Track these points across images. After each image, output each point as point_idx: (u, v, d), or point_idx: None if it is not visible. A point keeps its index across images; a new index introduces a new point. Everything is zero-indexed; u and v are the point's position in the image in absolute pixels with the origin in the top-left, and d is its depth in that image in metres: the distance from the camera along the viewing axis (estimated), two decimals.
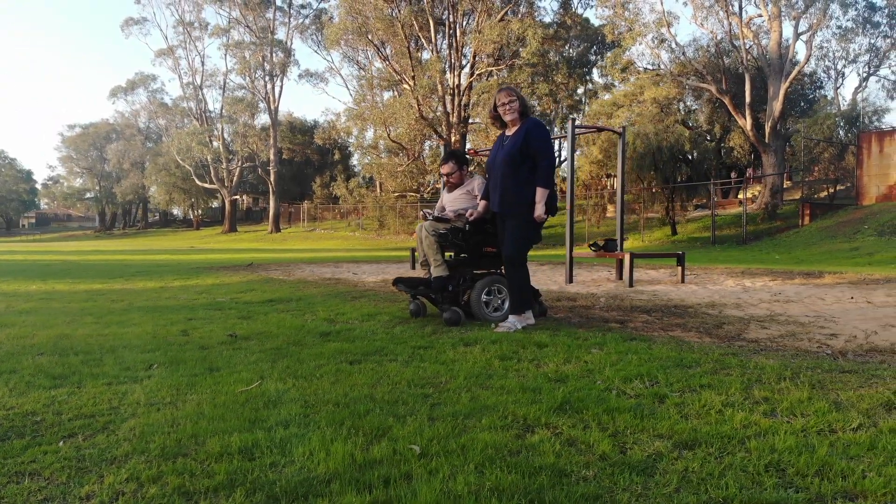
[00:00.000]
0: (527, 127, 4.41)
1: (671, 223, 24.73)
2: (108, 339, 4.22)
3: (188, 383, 2.96)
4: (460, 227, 4.69)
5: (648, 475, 1.85)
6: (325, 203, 52.82)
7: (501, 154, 4.37)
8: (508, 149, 4.35)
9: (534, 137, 4.35)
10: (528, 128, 4.41)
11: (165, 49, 50.75)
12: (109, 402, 2.67)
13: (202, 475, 1.86)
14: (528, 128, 4.41)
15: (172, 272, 11.19)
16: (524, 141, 4.33)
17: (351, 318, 5.11)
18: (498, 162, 4.39)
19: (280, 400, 2.64)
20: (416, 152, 40.77)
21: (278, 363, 3.41)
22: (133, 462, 1.98)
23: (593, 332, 4.22)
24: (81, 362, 3.49)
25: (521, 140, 4.34)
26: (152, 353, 3.72)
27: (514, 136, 4.40)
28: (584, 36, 42.80)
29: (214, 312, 5.65)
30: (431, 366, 3.28)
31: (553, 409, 2.46)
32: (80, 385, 2.98)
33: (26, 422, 2.43)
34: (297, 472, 1.87)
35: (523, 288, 4.39)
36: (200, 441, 2.15)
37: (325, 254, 22.23)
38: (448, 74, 37.18)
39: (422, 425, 2.28)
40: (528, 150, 4.31)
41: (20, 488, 1.80)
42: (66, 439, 2.23)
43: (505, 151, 4.36)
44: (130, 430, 2.29)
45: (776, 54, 27.86)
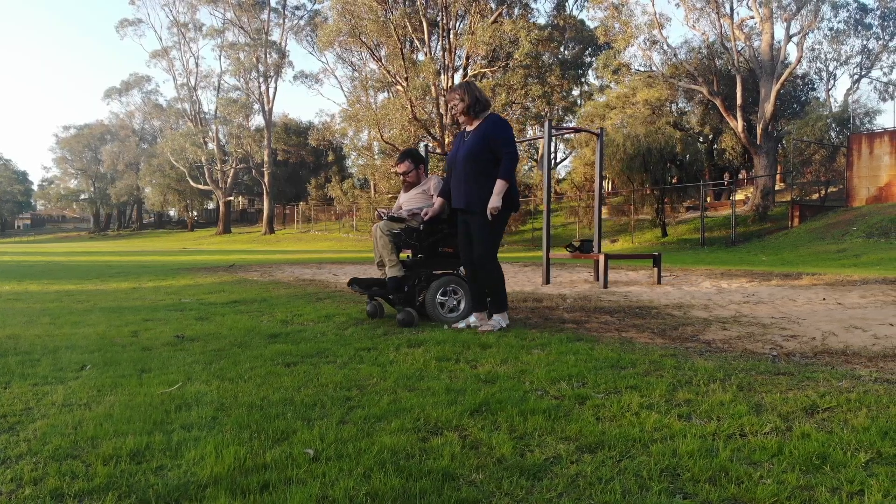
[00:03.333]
0: (487, 123, 4.38)
1: (661, 225, 24.71)
2: (54, 340, 4.18)
3: (112, 384, 2.92)
4: (415, 227, 4.65)
5: (537, 479, 1.81)
6: (319, 204, 52.77)
7: (463, 151, 4.34)
8: (469, 145, 4.32)
9: (494, 133, 4.32)
10: (488, 124, 4.38)
11: (160, 50, 50.72)
12: (26, 403, 2.63)
13: (83, 477, 1.82)
14: (489, 124, 4.38)
15: (151, 273, 11.14)
16: (485, 137, 4.30)
17: (307, 320, 5.07)
18: (459, 159, 4.35)
19: (196, 402, 2.60)
20: None
21: (213, 365, 3.37)
22: (22, 463, 1.94)
23: (542, 333, 4.18)
24: (18, 363, 3.45)
25: (482, 136, 4.31)
26: (91, 354, 3.68)
27: (475, 132, 4.36)
28: (580, 38, 42.82)
29: (174, 313, 5.60)
30: (367, 367, 3.24)
31: (469, 412, 2.42)
32: (6, 386, 2.94)
33: None
34: (180, 475, 1.83)
35: (501, 285, 4.36)
36: (96, 443, 2.11)
37: (313, 255, 22.19)
38: (441, 76, 37.17)
39: (328, 429, 2.24)
40: (490, 146, 4.28)
41: None
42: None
43: (466, 148, 4.32)
44: (34, 432, 2.25)
45: (767, 56, 27.88)
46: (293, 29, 49.17)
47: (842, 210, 22.36)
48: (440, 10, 37.13)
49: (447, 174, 4.61)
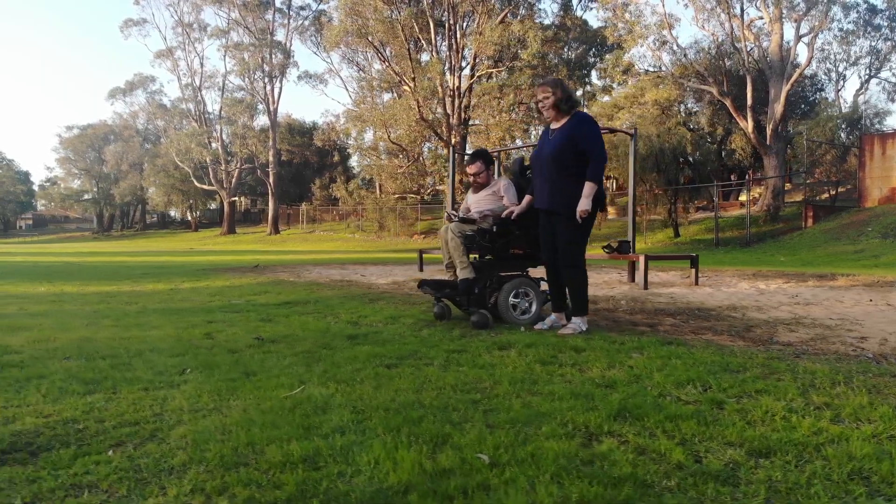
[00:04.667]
0: (575, 121, 4.30)
1: (674, 225, 24.70)
2: (131, 343, 4.14)
3: (228, 388, 2.88)
4: (487, 229, 4.61)
5: (733, 485, 1.79)
6: (324, 205, 52.73)
7: (548, 149, 4.28)
8: (556, 144, 4.25)
9: (582, 131, 4.24)
10: (576, 122, 4.30)
11: (164, 50, 50.60)
12: (151, 409, 2.59)
13: (269, 486, 1.79)
14: (577, 122, 4.30)
15: (179, 274, 11.10)
16: (572, 136, 4.23)
17: (374, 321, 5.04)
18: (546, 157, 4.29)
19: (328, 406, 2.57)
20: (416, 154, 40.67)
21: (314, 367, 3.33)
22: (192, 472, 1.91)
23: (627, 337, 4.15)
24: (111, 367, 3.41)
25: (569, 135, 4.24)
26: (182, 357, 3.64)
27: (561, 130, 4.30)
28: (583, 38, 42.79)
29: (233, 315, 5.57)
30: (470, 370, 3.21)
31: (611, 417, 2.39)
32: (115, 391, 2.90)
33: (69, 430, 2.35)
34: (367, 482, 1.80)
35: (584, 288, 4.32)
36: (258, 449, 2.08)
37: (327, 255, 22.15)
38: (448, 76, 37.15)
39: (481, 433, 2.21)
40: (578, 145, 4.22)
41: (80, 502, 1.73)
42: (115, 448, 2.15)
43: (552, 147, 4.26)
44: (181, 439, 2.22)
45: (777, 56, 27.88)
46: (298, 29, 49.08)
47: (855, 211, 22.36)
48: (446, 10, 37.10)
49: (532, 173, 4.56)
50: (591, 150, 4.21)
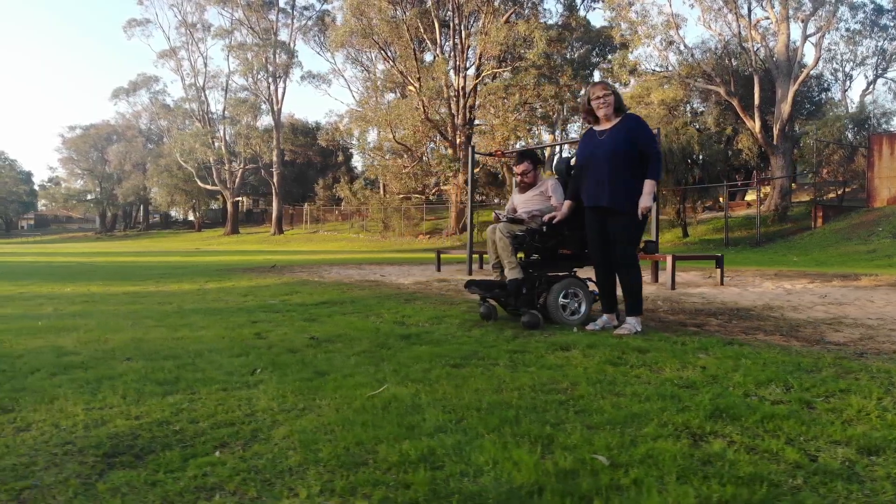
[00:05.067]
0: (629, 122, 4.39)
1: (682, 225, 24.71)
2: (186, 343, 4.14)
3: (308, 388, 2.88)
4: (537, 229, 4.62)
5: (857, 482, 1.79)
6: (327, 205, 52.76)
7: (605, 149, 4.30)
8: (614, 143, 4.29)
9: (641, 132, 4.35)
10: (632, 122, 4.41)
11: (168, 50, 50.60)
12: (240, 409, 2.59)
13: (398, 486, 1.79)
14: (633, 122, 4.42)
15: (199, 274, 11.09)
16: (632, 136, 4.30)
17: (419, 321, 5.04)
18: (601, 156, 4.32)
19: (417, 405, 2.57)
20: (421, 154, 40.66)
21: (382, 366, 3.34)
22: (313, 473, 1.91)
23: (684, 337, 4.15)
24: (177, 367, 3.41)
25: (628, 135, 4.30)
26: (244, 358, 3.65)
27: (615, 130, 4.35)
28: (586, 38, 42.81)
29: (273, 315, 5.57)
30: (540, 371, 3.21)
31: (708, 417, 2.39)
32: (193, 391, 2.90)
33: (165, 431, 2.35)
34: (493, 482, 1.81)
35: (640, 288, 4.34)
36: (368, 449, 2.08)
37: (336, 255, 22.14)
38: (453, 76, 37.16)
39: (584, 434, 2.21)
40: (637, 145, 4.28)
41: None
42: (221, 449, 2.15)
43: (609, 147, 4.29)
44: (285, 439, 2.22)
45: (784, 56, 27.89)
46: (301, 29, 49.10)
47: (864, 211, 22.37)
48: (452, 10, 37.12)
49: (577, 173, 4.57)
50: (650, 149, 4.28)
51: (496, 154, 12.45)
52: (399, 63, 38.27)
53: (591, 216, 4.45)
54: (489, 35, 34.08)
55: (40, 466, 1.99)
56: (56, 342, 4.24)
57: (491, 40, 33.94)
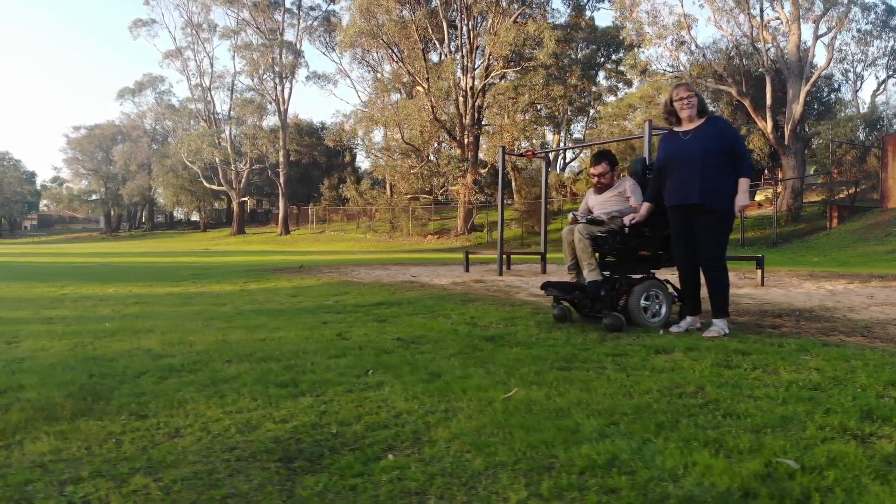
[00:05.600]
0: (717, 123, 4.45)
1: None
2: (273, 344, 4.14)
3: (435, 390, 2.88)
4: (619, 230, 4.61)
5: None
6: (333, 205, 52.78)
7: (693, 148, 4.32)
8: (703, 143, 4.32)
9: (730, 133, 4.42)
10: (720, 122, 4.48)
11: (174, 50, 50.59)
12: (381, 411, 2.59)
13: (603, 490, 1.79)
14: (721, 123, 4.50)
15: (231, 275, 11.08)
16: (722, 136, 4.33)
17: (490, 322, 5.03)
18: (688, 156, 4.33)
19: (559, 409, 2.57)
20: (427, 154, 40.67)
21: (487, 367, 3.34)
22: (506, 476, 1.90)
23: (776, 339, 4.15)
24: (284, 369, 3.41)
25: (715, 134, 4.34)
26: (345, 358, 3.65)
27: (701, 130, 4.37)
28: (591, 38, 42.85)
29: (338, 315, 5.57)
30: (656, 375, 3.20)
31: (860, 419, 2.39)
32: (318, 393, 2.90)
33: (323, 434, 2.34)
34: (696, 486, 1.81)
35: (727, 289, 4.35)
36: (544, 452, 2.08)
37: (349, 256, 22.13)
38: (461, 76, 37.16)
39: (749, 437, 2.21)
40: (726, 144, 4.31)
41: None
42: (391, 452, 2.15)
43: (700, 146, 4.31)
44: (451, 441, 2.22)
45: (795, 57, 27.92)
46: (307, 30, 49.10)
47: (878, 211, 22.40)
48: (461, 11, 37.12)
49: (658, 174, 4.58)
50: (739, 149, 4.33)
51: (527, 154, 12.43)
52: (407, 63, 38.27)
53: (676, 216, 4.45)
54: (498, 35, 34.08)
55: (224, 474, 1.98)
56: (140, 344, 4.23)
57: (500, 41, 33.93)
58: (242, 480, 1.93)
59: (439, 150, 42.28)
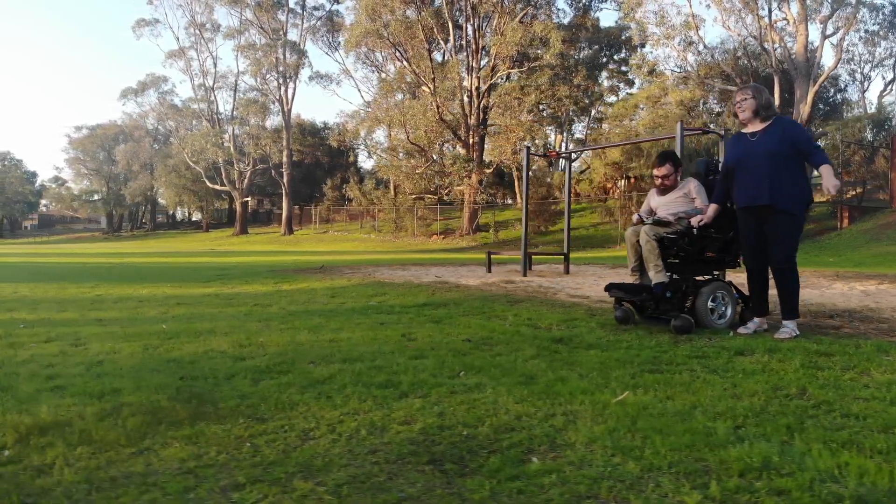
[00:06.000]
0: (784, 125, 4.48)
1: None
2: (347, 345, 4.15)
3: (539, 392, 2.89)
4: (687, 232, 4.63)
5: None
6: (336, 205, 52.77)
7: (762, 149, 4.35)
8: (770, 144, 4.34)
9: (799, 134, 4.47)
10: (785, 122, 4.53)
11: (177, 50, 50.51)
12: (503, 414, 2.60)
13: (773, 492, 1.80)
14: (789, 123, 4.56)
15: (255, 275, 11.07)
16: (789, 137, 4.37)
17: (549, 324, 5.04)
18: (758, 157, 4.36)
19: (679, 412, 2.58)
20: (432, 155, 40.65)
21: (577, 370, 3.35)
22: (667, 480, 1.91)
23: (848, 340, 4.17)
24: (371, 369, 3.42)
25: (781, 134, 4.38)
26: (423, 360, 3.65)
27: (769, 132, 4.40)
28: (595, 39, 42.89)
29: (391, 316, 5.58)
30: (750, 377, 3.21)
31: None
32: (425, 395, 2.91)
33: (455, 436, 2.35)
34: (858, 486, 1.82)
35: (797, 291, 4.37)
36: (693, 456, 2.09)
37: (358, 256, 22.10)
38: (466, 77, 37.18)
39: (883, 438, 2.23)
40: (795, 144, 4.35)
41: None
42: (533, 455, 2.16)
43: (769, 146, 4.34)
44: (590, 444, 2.23)
45: (802, 57, 27.98)
46: (310, 29, 49.06)
47: (888, 211, 22.44)
48: (466, 11, 37.14)
49: (725, 176, 4.60)
50: (806, 145, 4.39)
51: (550, 154, 12.44)
52: (413, 63, 38.27)
53: (746, 217, 4.47)
54: (505, 36, 34.09)
55: (382, 477, 1.99)
56: (210, 346, 4.24)
57: (507, 41, 33.95)
58: (405, 483, 1.94)
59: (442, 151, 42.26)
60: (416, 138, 38.82)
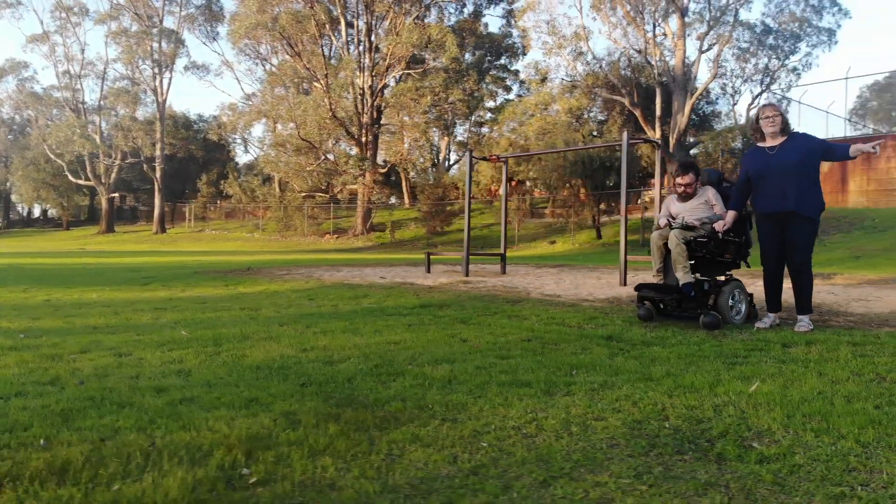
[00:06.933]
0: (802, 138, 5.01)
1: (596, 228, 26.20)
2: (416, 348, 4.17)
3: (674, 387, 3.11)
4: (712, 235, 5.03)
5: None
6: (213, 202, 50.68)
7: (786, 160, 4.82)
8: (792, 156, 4.82)
9: (813, 141, 5.00)
10: (800, 137, 5.04)
11: (40, 34, 46.38)
12: (681, 407, 2.78)
13: None
14: (801, 136, 5.06)
15: (187, 277, 10.56)
16: (810, 149, 4.87)
17: (580, 322, 5.28)
18: (781, 168, 4.82)
19: (812, 397, 2.89)
20: (326, 152, 40.00)
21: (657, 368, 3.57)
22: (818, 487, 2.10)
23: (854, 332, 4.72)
24: (479, 370, 3.50)
25: (800, 146, 4.87)
26: (514, 360, 3.78)
27: (789, 145, 4.89)
28: (480, 44, 44.02)
29: (409, 318, 5.60)
30: (821, 365, 3.60)
31: None
32: (570, 392, 3.05)
33: (662, 428, 2.52)
34: None
35: (811, 288, 4.90)
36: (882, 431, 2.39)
37: (251, 257, 21.42)
38: (359, 75, 36.93)
39: None
40: (814, 154, 4.86)
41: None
42: (753, 441, 2.36)
43: (792, 157, 4.81)
44: (788, 428, 2.47)
45: (681, 71, 30.25)
46: (187, 18, 46.74)
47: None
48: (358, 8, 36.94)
49: (744, 186, 5.06)
50: (827, 145, 5.01)
51: (491, 159, 12.74)
52: (304, 58, 37.47)
53: (769, 223, 4.95)
54: (401, 36, 34.22)
55: (658, 469, 2.13)
56: (277, 351, 4.11)
57: (402, 41, 34.09)
58: (684, 471, 2.08)
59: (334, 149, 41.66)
60: (307, 134, 37.97)
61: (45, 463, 2.11)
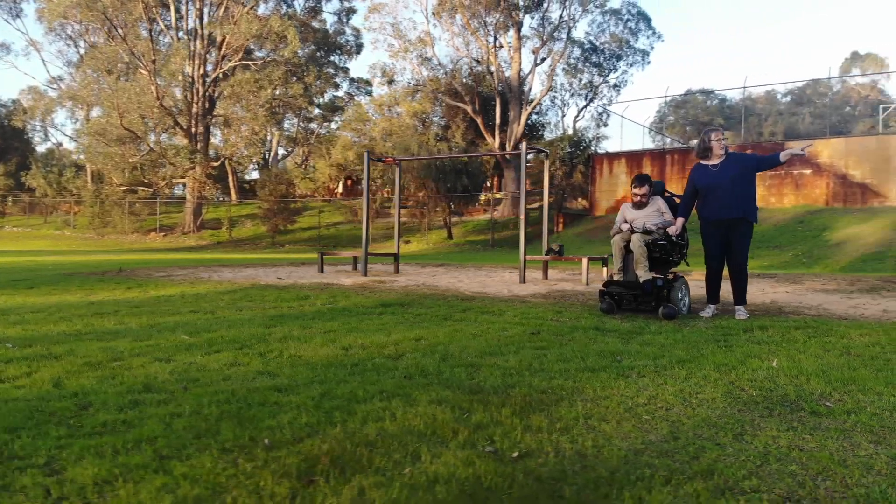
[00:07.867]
0: (735, 155, 5.93)
1: (448, 228, 27.21)
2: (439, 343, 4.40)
3: (711, 368, 3.71)
4: (668, 238, 5.80)
5: None
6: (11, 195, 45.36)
7: (729, 175, 5.70)
8: (736, 172, 5.71)
9: (747, 157, 6.02)
10: (736, 155, 5.96)
11: None
12: (738, 386, 3.37)
13: None
14: (737, 155, 5.99)
15: (66, 281, 9.72)
16: (745, 164, 5.79)
17: (553, 317, 5.80)
18: (727, 181, 5.68)
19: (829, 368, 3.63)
20: (151, 143, 37.39)
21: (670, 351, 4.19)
22: None
23: (783, 320, 5.70)
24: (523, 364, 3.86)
25: (739, 163, 5.79)
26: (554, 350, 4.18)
27: (728, 163, 5.80)
28: (314, 39, 43.66)
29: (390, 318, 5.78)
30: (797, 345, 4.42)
31: None
32: (641, 375, 3.53)
33: (767, 398, 3.08)
34: None
35: (746, 283, 5.86)
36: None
37: (82, 258, 19.82)
38: (189, 63, 35.08)
39: None
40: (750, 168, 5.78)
41: None
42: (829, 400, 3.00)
43: (734, 172, 5.71)
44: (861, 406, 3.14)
45: (516, 82, 32.28)
46: None
47: (591, 218, 27.20)
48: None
49: (689, 198, 5.89)
50: (759, 157, 6.03)
51: (386, 160, 12.92)
52: (129, 42, 34.82)
53: (714, 229, 5.80)
54: (239, 26, 33.04)
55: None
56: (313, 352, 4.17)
57: (241, 31, 32.95)
58: (813, 425, 2.64)
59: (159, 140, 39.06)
60: (129, 123, 35.26)
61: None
